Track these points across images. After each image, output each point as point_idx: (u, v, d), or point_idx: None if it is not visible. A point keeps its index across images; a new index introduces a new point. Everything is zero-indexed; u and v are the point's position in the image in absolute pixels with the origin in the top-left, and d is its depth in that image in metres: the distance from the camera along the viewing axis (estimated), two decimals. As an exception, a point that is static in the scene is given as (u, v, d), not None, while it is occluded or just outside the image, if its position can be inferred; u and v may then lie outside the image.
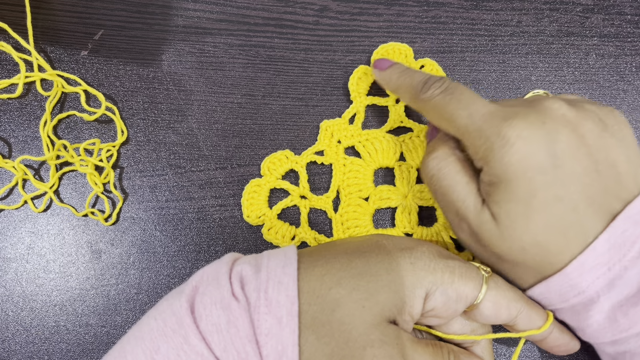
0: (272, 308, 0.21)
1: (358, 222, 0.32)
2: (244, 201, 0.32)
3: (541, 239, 0.23)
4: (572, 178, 0.23)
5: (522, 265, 0.25)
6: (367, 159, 0.33)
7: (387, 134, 0.33)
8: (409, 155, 0.33)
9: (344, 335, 0.21)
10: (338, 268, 0.23)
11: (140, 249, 0.32)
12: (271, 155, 0.32)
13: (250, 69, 0.34)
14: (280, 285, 0.22)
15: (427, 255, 0.24)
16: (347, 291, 0.22)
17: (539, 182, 0.23)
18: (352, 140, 0.33)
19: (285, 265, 0.23)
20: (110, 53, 0.34)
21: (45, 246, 0.32)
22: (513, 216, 0.24)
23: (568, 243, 0.23)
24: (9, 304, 0.32)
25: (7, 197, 0.33)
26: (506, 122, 0.23)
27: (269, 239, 0.32)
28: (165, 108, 0.33)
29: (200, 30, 0.34)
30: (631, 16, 0.36)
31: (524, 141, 0.23)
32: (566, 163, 0.23)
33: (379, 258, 0.24)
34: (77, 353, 0.31)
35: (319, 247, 0.26)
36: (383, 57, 0.32)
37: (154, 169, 0.33)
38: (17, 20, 0.33)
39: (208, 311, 0.21)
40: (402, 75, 0.29)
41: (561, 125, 0.23)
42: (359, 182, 0.32)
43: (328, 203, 0.32)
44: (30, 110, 0.33)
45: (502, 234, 0.24)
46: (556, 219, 0.23)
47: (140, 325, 0.23)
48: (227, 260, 0.24)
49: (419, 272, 0.23)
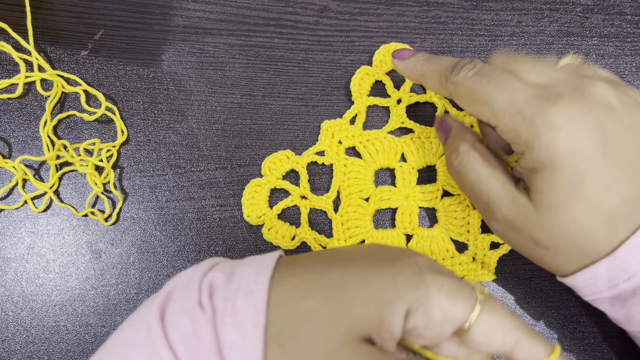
0: (238, 319, 0.20)
1: (358, 222, 0.32)
2: (244, 201, 0.32)
3: (587, 226, 0.23)
4: (622, 166, 0.23)
5: (564, 250, 0.24)
6: (367, 160, 0.33)
7: (388, 134, 0.33)
8: (410, 156, 0.33)
9: (311, 351, 0.20)
10: (312, 278, 0.21)
11: (140, 249, 0.32)
12: (272, 155, 0.32)
13: (250, 69, 0.34)
14: (250, 296, 0.20)
15: (412, 268, 0.21)
16: (318, 303, 0.20)
17: (587, 170, 0.22)
18: (353, 140, 0.33)
19: (259, 274, 0.21)
20: (110, 53, 0.34)
21: (45, 246, 0.32)
22: (556, 203, 0.23)
23: (616, 230, 0.23)
24: (9, 304, 0.32)
25: (7, 197, 0.33)
26: (553, 106, 0.23)
27: (269, 238, 0.32)
28: (165, 108, 0.33)
29: (200, 30, 0.34)
30: (631, 16, 0.36)
31: (572, 127, 0.22)
32: (615, 151, 0.23)
33: (358, 269, 0.21)
34: (77, 353, 0.31)
35: (303, 255, 0.24)
36: (402, 48, 0.31)
37: (154, 169, 0.33)
38: (17, 20, 0.33)
39: (176, 319, 0.20)
40: (427, 62, 0.28)
41: (609, 114, 0.23)
42: (360, 183, 0.32)
43: (328, 203, 0.32)
44: (30, 110, 0.33)
45: (542, 220, 0.23)
46: (604, 207, 0.23)
47: (118, 331, 0.22)
48: (204, 266, 0.23)
49: (400, 287, 0.20)
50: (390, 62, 0.34)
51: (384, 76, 0.34)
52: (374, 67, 0.34)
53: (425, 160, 0.33)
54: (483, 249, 0.32)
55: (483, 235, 0.32)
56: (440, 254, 0.32)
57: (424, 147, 0.33)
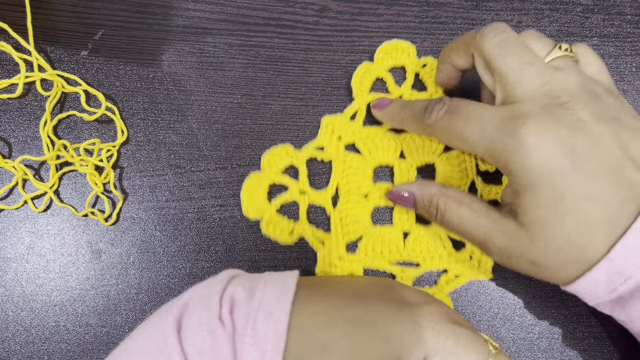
0: (258, 340, 0.20)
1: (357, 218, 0.32)
2: (243, 195, 0.32)
3: (576, 238, 0.23)
4: (599, 176, 0.23)
5: (560, 264, 0.24)
6: (367, 157, 0.33)
7: (388, 132, 0.33)
8: (409, 154, 0.33)
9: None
10: (333, 309, 0.22)
11: (140, 249, 0.32)
12: (271, 149, 0.32)
13: (250, 69, 0.34)
14: (271, 317, 0.21)
15: (433, 316, 0.22)
16: (338, 336, 0.21)
17: (564, 185, 0.23)
18: (353, 137, 0.33)
19: (281, 295, 0.21)
20: (110, 53, 0.34)
21: (45, 246, 0.32)
22: (542, 221, 0.23)
23: (605, 236, 0.23)
24: (9, 304, 0.32)
25: (7, 197, 0.33)
26: (522, 128, 0.23)
27: (267, 233, 0.32)
28: (165, 108, 0.33)
29: (200, 30, 0.34)
30: (631, 16, 0.36)
31: (542, 147, 0.23)
32: (588, 163, 0.23)
33: (381, 307, 0.22)
34: (77, 353, 0.31)
35: (323, 280, 0.25)
36: (380, 98, 0.32)
37: (154, 169, 0.33)
38: (17, 20, 0.33)
39: (193, 332, 0.20)
40: (403, 109, 0.30)
41: (578, 128, 0.23)
42: (359, 179, 0.32)
43: (327, 199, 0.32)
44: (30, 110, 0.33)
45: (532, 240, 0.24)
46: (589, 217, 0.23)
47: (131, 339, 0.22)
48: (223, 279, 0.23)
49: (420, 333, 0.21)
50: (391, 59, 0.34)
51: (385, 73, 0.34)
52: (375, 63, 0.34)
53: (424, 158, 0.33)
54: None
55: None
56: (437, 252, 0.32)
57: (424, 145, 0.33)
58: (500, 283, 0.33)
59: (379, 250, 0.32)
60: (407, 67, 0.34)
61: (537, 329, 0.33)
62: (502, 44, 0.26)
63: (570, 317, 0.33)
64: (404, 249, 0.32)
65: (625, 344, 0.33)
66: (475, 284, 0.33)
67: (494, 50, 0.26)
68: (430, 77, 0.33)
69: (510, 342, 0.33)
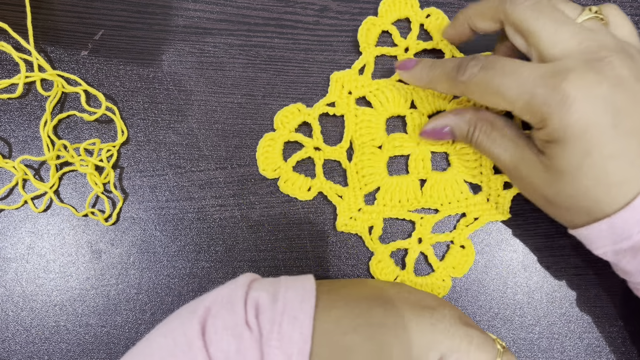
0: (284, 343, 0.21)
1: (372, 169, 0.32)
2: (258, 155, 0.32)
3: (593, 193, 0.24)
4: (631, 134, 0.23)
5: (572, 210, 0.25)
6: (378, 109, 0.33)
7: (398, 82, 0.33)
8: (419, 103, 0.33)
9: None
10: (357, 314, 0.23)
11: (140, 249, 0.32)
12: (283, 109, 0.33)
13: (250, 69, 0.34)
14: (296, 321, 0.21)
15: (448, 319, 0.23)
16: (362, 340, 0.22)
17: (597, 141, 0.23)
18: (363, 90, 0.33)
19: (303, 300, 0.22)
20: (111, 53, 0.34)
21: (45, 246, 0.32)
22: (565, 170, 0.24)
23: (623, 193, 0.23)
24: (9, 304, 0.32)
25: (7, 197, 0.33)
26: (563, 82, 0.23)
27: (285, 191, 0.32)
28: (166, 108, 0.33)
29: (200, 30, 0.34)
30: (631, 16, 0.36)
31: (583, 100, 0.23)
32: (625, 121, 0.23)
33: (400, 312, 0.23)
34: (77, 353, 0.31)
35: (338, 285, 0.25)
36: (405, 59, 0.32)
37: (154, 169, 0.33)
38: (17, 20, 0.33)
39: (219, 336, 0.21)
40: (432, 68, 0.29)
41: (619, 85, 0.23)
42: (372, 132, 0.33)
43: (342, 153, 0.33)
44: (31, 110, 0.33)
45: (551, 182, 0.25)
46: (610, 175, 0.23)
47: (150, 340, 0.22)
48: (243, 283, 0.23)
49: (437, 335, 0.23)
50: (395, 11, 0.34)
51: (390, 26, 0.34)
52: (379, 17, 0.34)
53: (435, 105, 0.33)
54: (497, 189, 0.32)
55: (496, 175, 0.33)
56: (455, 196, 0.32)
57: (434, 92, 0.33)
58: (501, 283, 0.33)
59: (397, 199, 0.32)
60: (411, 18, 0.34)
61: (537, 329, 0.33)
62: (534, 7, 0.26)
63: (571, 317, 0.33)
64: (421, 197, 0.32)
65: (626, 343, 0.33)
66: (475, 283, 0.33)
67: (525, 13, 0.26)
68: (435, 28, 0.34)
69: (510, 342, 0.33)
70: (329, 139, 0.33)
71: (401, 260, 0.33)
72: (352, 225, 0.32)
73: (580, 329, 0.33)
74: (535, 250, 0.34)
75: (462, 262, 0.32)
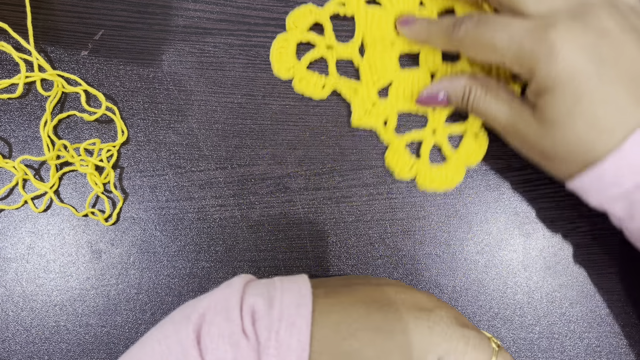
0: (282, 351, 0.21)
1: (385, 65, 0.33)
2: (272, 57, 0.33)
3: (586, 138, 0.25)
4: (618, 81, 0.24)
5: (567, 159, 0.26)
6: (387, 7, 0.33)
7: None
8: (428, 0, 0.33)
9: None
10: (355, 319, 0.23)
11: (140, 249, 0.32)
12: (295, 10, 0.33)
13: (250, 69, 0.34)
14: (293, 328, 0.21)
15: (445, 321, 0.24)
16: (361, 345, 0.22)
17: (585, 88, 0.24)
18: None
19: (300, 305, 0.22)
20: (111, 53, 0.34)
21: (45, 246, 0.32)
22: (557, 119, 0.25)
23: (615, 136, 0.24)
24: (9, 304, 0.32)
25: (7, 197, 0.33)
26: (550, 34, 0.24)
27: (300, 90, 0.33)
28: (166, 108, 0.33)
29: (200, 30, 0.34)
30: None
31: (569, 50, 0.24)
32: (610, 69, 0.24)
33: (397, 315, 0.23)
34: (77, 353, 0.31)
35: (335, 285, 0.25)
36: (406, 15, 0.33)
37: (154, 169, 0.33)
38: (17, 20, 0.33)
39: (215, 345, 0.21)
40: (430, 24, 0.31)
41: (604, 35, 0.24)
42: (382, 30, 0.33)
43: (354, 50, 0.33)
44: (31, 110, 0.33)
45: (545, 134, 0.26)
46: (601, 120, 0.24)
47: (143, 346, 0.22)
48: (238, 288, 0.23)
49: (434, 338, 0.23)
50: None
51: None
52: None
53: (444, 3, 0.33)
54: (507, 78, 0.33)
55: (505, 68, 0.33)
56: None
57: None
58: (501, 283, 0.33)
59: (409, 92, 0.33)
60: None
61: (537, 329, 0.33)
62: None
63: (571, 317, 0.33)
64: None
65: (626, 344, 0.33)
66: (475, 283, 0.33)
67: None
68: None
69: (510, 342, 0.33)
70: (340, 39, 0.34)
71: (416, 152, 0.34)
72: (367, 119, 0.33)
73: (580, 329, 0.33)
74: (535, 250, 0.34)
75: (475, 151, 0.33)
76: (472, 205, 0.34)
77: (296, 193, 0.33)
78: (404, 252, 0.33)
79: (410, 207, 0.34)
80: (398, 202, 0.34)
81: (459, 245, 0.33)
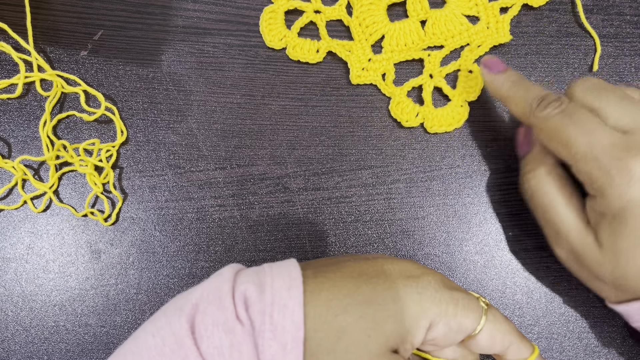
0: (277, 333, 0.21)
1: (374, 19, 0.34)
2: (262, 29, 0.34)
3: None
4: None
5: (622, 287, 0.25)
6: None
7: None
8: None
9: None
10: (345, 294, 0.23)
11: (139, 249, 0.32)
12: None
13: (249, 69, 0.34)
14: (286, 310, 0.21)
15: (433, 286, 0.24)
16: (353, 319, 0.22)
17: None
18: None
19: (291, 287, 0.22)
20: (110, 53, 0.34)
21: (44, 246, 0.32)
22: (621, 250, 0.24)
23: None
24: (8, 304, 0.32)
25: (6, 197, 0.33)
26: (632, 159, 0.23)
27: (295, 57, 0.34)
28: (165, 108, 0.33)
29: (200, 31, 0.34)
30: (630, 17, 0.36)
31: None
32: None
33: (386, 285, 0.23)
34: (77, 353, 0.32)
35: (323, 265, 0.25)
36: (494, 58, 0.31)
37: (153, 169, 0.33)
38: (17, 21, 0.33)
39: (209, 333, 0.21)
40: (515, 86, 0.29)
41: None
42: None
43: (342, 10, 0.34)
44: (30, 110, 0.33)
45: (605, 261, 0.25)
46: None
47: (137, 340, 0.22)
48: (229, 277, 0.23)
49: (424, 303, 0.23)
50: None
51: None
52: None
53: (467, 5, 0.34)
54: (495, 16, 0.34)
55: (491, 3, 0.34)
56: (456, 30, 0.34)
57: None
58: (500, 283, 0.33)
59: (403, 43, 0.34)
60: None
61: (536, 329, 0.33)
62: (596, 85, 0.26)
63: (570, 317, 0.33)
64: (425, 36, 0.34)
65: (625, 344, 0.33)
66: (474, 283, 0.33)
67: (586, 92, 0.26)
68: None
69: None
70: (327, 4, 0.34)
71: (418, 99, 0.34)
72: (365, 75, 0.34)
73: (579, 329, 0.33)
74: (535, 250, 0.34)
75: (473, 85, 0.34)
76: (471, 206, 0.34)
77: (295, 193, 0.33)
78: (403, 252, 0.33)
79: (410, 207, 0.34)
80: (397, 202, 0.34)
81: (458, 246, 0.33)
